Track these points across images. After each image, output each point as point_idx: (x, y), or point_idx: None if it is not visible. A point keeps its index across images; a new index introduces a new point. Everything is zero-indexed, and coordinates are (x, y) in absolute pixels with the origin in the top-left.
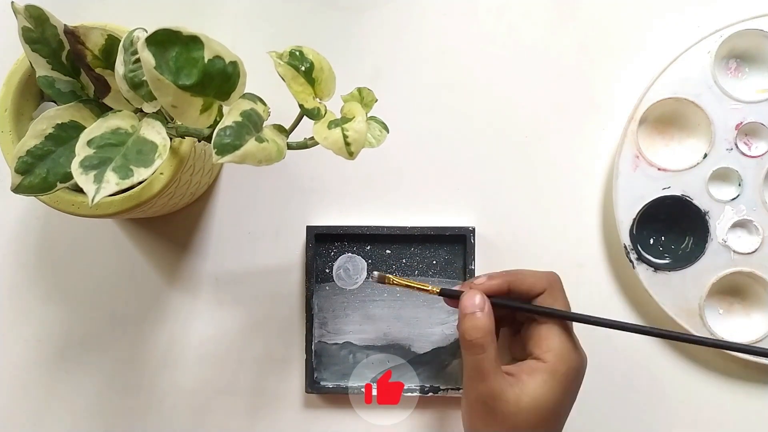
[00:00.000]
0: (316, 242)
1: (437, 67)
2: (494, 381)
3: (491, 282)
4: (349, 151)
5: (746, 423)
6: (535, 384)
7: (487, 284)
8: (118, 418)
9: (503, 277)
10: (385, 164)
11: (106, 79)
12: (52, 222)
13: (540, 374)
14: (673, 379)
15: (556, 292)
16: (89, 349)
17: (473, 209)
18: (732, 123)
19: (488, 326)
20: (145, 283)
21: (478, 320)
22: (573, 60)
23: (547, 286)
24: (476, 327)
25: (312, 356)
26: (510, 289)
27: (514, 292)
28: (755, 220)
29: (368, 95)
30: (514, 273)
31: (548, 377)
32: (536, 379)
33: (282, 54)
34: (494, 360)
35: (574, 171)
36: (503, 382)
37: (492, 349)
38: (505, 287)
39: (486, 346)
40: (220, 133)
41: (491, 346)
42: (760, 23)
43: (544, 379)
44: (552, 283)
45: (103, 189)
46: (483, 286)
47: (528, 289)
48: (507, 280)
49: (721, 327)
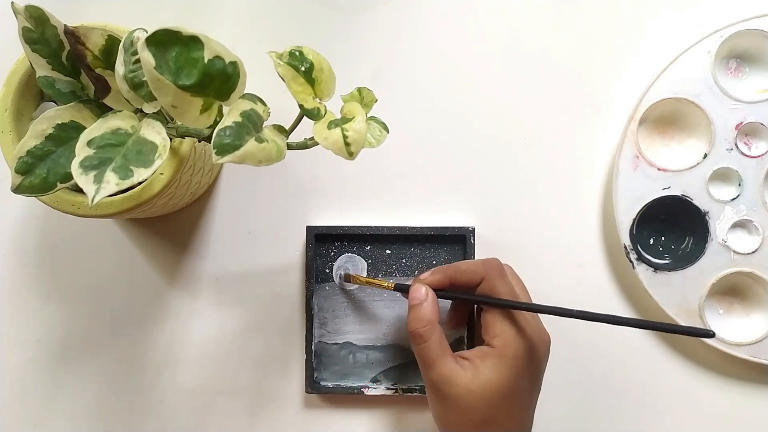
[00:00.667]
0: (316, 242)
1: (437, 67)
2: (442, 367)
3: (433, 277)
4: (349, 151)
5: (746, 423)
6: (485, 368)
7: (430, 279)
8: (118, 418)
9: (443, 272)
10: (385, 164)
11: (106, 80)
12: (52, 222)
13: (489, 359)
14: (671, 378)
15: (492, 279)
16: (89, 349)
17: (473, 209)
18: (732, 123)
19: (429, 316)
20: (145, 283)
21: (419, 311)
22: (573, 60)
23: (483, 274)
24: (417, 318)
25: (312, 356)
26: (451, 282)
27: (456, 284)
28: (755, 221)
29: (368, 95)
30: (453, 266)
31: (497, 361)
32: (486, 363)
33: (282, 54)
34: (438, 347)
35: (574, 171)
36: (454, 367)
37: (435, 337)
38: (447, 281)
39: (426, 335)
40: (220, 134)
41: (434, 335)
42: (760, 23)
43: (493, 363)
44: (488, 271)
45: (103, 189)
46: (427, 280)
47: (467, 280)
48: (447, 274)
49: (721, 327)
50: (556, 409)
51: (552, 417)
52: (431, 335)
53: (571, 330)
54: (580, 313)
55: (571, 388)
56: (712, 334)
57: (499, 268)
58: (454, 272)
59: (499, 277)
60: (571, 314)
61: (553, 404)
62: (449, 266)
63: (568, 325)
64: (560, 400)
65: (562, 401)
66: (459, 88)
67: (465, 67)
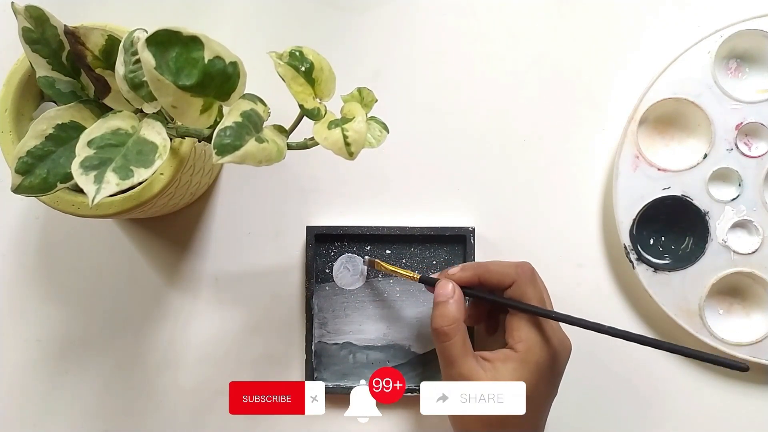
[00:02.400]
0: (316, 242)
1: (437, 67)
2: (463, 365)
3: (463, 273)
4: (349, 151)
5: (746, 423)
6: (506, 371)
7: (459, 275)
8: (118, 418)
9: (474, 269)
10: (385, 164)
11: (106, 80)
12: (52, 222)
13: (512, 363)
14: (672, 378)
15: (524, 284)
16: (89, 349)
17: (473, 209)
18: (732, 123)
19: (455, 314)
20: (145, 283)
21: (446, 309)
22: (573, 60)
23: (515, 277)
24: (443, 315)
25: (312, 356)
26: (480, 281)
27: (485, 284)
28: (755, 221)
29: (368, 95)
30: (484, 265)
31: (519, 366)
32: (508, 367)
33: (282, 54)
34: (462, 346)
35: (574, 171)
36: (474, 366)
37: (459, 336)
38: (476, 279)
39: (451, 333)
40: (220, 134)
41: (458, 334)
42: (760, 23)
43: (515, 367)
44: (521, 275)
45: (104, 189)
46: (455, 276)
47: (498, 281)
48: (477, 273)
49: (721, 327)
50: (558, 408)
51: (555, 416)
52: (455, 334)
53: (570, 330)
54: (613, 330)
55: (573, 388)
56: (746, 368)
57: (531, 272)
58: (483, 272)
59: (531, 283)
60: (602, 330)
61: (555, 404)
62: (479, 264)
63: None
64: (562, 400)
65: (564, 401)
66: (459, 88)
67: (465, 67)
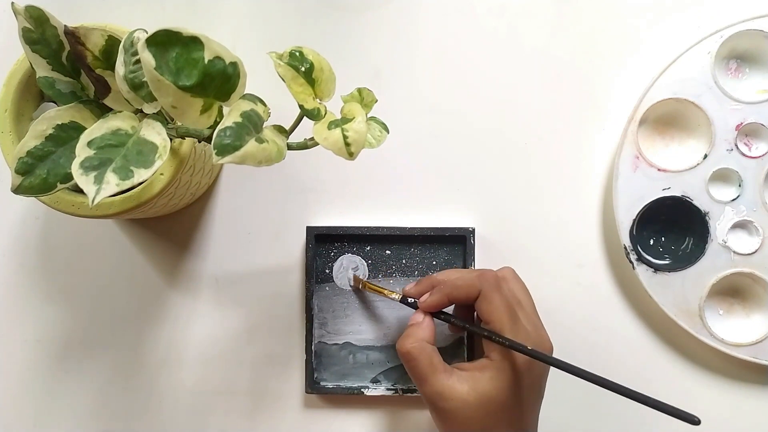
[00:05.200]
0: (316, 243)
1: (437, 67)
2: (435, 382)
3: (432, 299)
4: (349, 151)
5: (746, 423)
6: (482, 380)
7: (428, 302)
8: (118, 418)
9: (441, 292)
10: (385, 165)
11: (106, 80)
12: (52, 222)
13: (489, 371)
14: (671, 379)
15: (489, 295)
16: (89, 350)
17: (473, 210)
18: (732, 123)
19: (419, 335)
20: (145, 283)
21: (411, 330)
22: (573, 60)
23: (480, 287)
24: (408, 336)
25: (312, 356)
26: (449, 299)
27: (455, 300)
28: (755, 221)
29: (368, 96)
30: (450, 283)
31: (496, 374)
32: (486, 376)
33: (282, 54)
34: (429, 365)
35: (574, 172)
36: (446, 382)
37: (424, 355)
38: (445, 299)
39: (415, 353)
40: (220, 134)
41: (423, 354)
42: (760, 24)
43: (492, 375)
44: (484, 284)
45: (104, 190)
46: (425, 304)
47: (465, 296)
48: (444, 293)
49: (720, 328)
50: (556, 410)
51: (552, 419)
52: (419, 353)
53: (571, 331)
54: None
55: (571, 389)
56: (697, 422)
57: (495, 280)
58: (450, 290)
59: (496, 291)
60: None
61: (553, 406)
62: (446, 284)
63: (568, 325)
64: (560, 402)
65: (563, 403)
66: (459, 89)
67: (465, 67)
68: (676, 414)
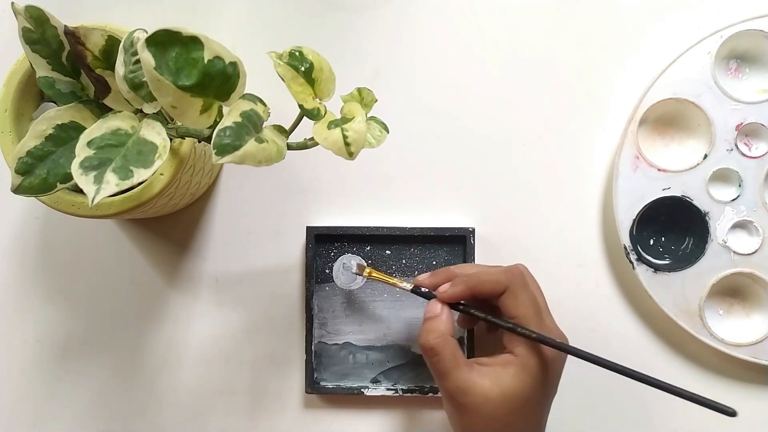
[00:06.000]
0: (316, 243)
1: (437, 67)
2: (457, 378)
3: (454, 289)
4: (349, 151)
5: (746, 423)
6: (506, 376)
7: (450, 292)
8: (118, 418)
9: (465, 283)
10: (385, 165)
11: (106, 80)
12: (51, 222)
13: (511, 367)
14: (671, 378)
15: (517, 290)
16: (89, 350)
17: (473, 210)
18: (732, 124)
19: (441, 329)
20: (145, 283)
21: (432, 324)
22: (573, 60)
23: (507, 283)
24: (430, 330)
25: (312, 356)
26: (472, 293)
27: (478, 294)
28: (755, 221)
29: (368, 95)
30: (476, 276)
31: (519, 370)
32: (508, 371)
33: (282, 54)
34: (452, 359)
35: (574, 171)
36: (469, 376)
37: (448, 349)
38: (468, 293)
39: (438, 348)
40: (219, 134)
41: (446, 348)
42: (760, 24)
43: (515, 371)
44: (512, 280)
45: (103, 190)
46: (446, 294)
47: (490, 290)
48: (469, 285)
49: (721, 328)
50: (556, 410)
51: (553, 417)
52: (443, 348)
53: (571, 331)
54: (611, 363)
55: (571, 388)
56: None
57: (522, 276)
58: (475, 283)
59: (522, 287)
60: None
61: (554, 405)
62: (470, 276)
63: (568, 325)
64: (560, 401)
65: (562, 402)
66: (459, 89)
67: (465, 67)
68: (713, 406)
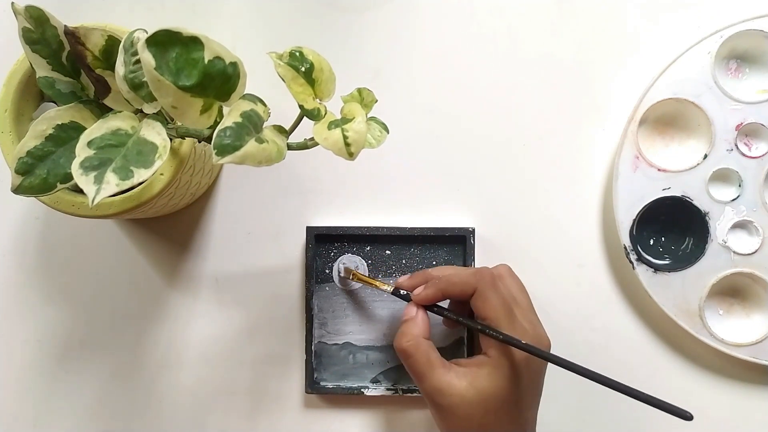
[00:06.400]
0: (316, 243)
1: (437, 67)
2: (433, 378)
3: (426, 292)
4: (349, 151)
5: (746, 423)
6: (481, 376)
7: (422, 295)
8: (118, 418)
9: (436, 286)
10: (385, 165)
11: (106, 80)
12: (52, 222)
13: (485, 368)
14: (671, 378)
15: (485, 292)
16: (89, 350)
17: (473, 210)
18: (732, 124)
19: (414, 332)
20: (145, 283)
21: (406, 327)
22: (573, 60)
23: (476, 285)
24: (403, 333)
25: (312, 356)
26: (444, 294)
27: (449, 296)
28: (755, 221)
29: (368, 96)
30: (446, 279)
31: (492, 370)
32: (483, 372)
33: (282, 55)
34: (426, 362)
35: (574, 171)
36: (444, 377)
37: (421, 351)
38: (439, 294)
39: (411, 350)
40: (220, 134)
41: (419, 350)
42: (760, 24)
43: (489, 371)
44: (480, 282)
45: (104, 190)
46: (419, 297)
47: (460, 293)
48: (439, 288)
49: (720, 328)
50: (555, 410)
51: (551, 418)
52: (415, 351)
53: (571, 331)
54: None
55: (571, 388)
56: (690, 417)
57: (491, 278)
58: (446, 285)
59: (491, 289)
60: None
61: (552, 405)
62: (441, 279)
63: (568, 325)
64: (560, 401)
65: (562, 402)
66: (459, 89)
67: (465, 67)
68: (668, 409)
